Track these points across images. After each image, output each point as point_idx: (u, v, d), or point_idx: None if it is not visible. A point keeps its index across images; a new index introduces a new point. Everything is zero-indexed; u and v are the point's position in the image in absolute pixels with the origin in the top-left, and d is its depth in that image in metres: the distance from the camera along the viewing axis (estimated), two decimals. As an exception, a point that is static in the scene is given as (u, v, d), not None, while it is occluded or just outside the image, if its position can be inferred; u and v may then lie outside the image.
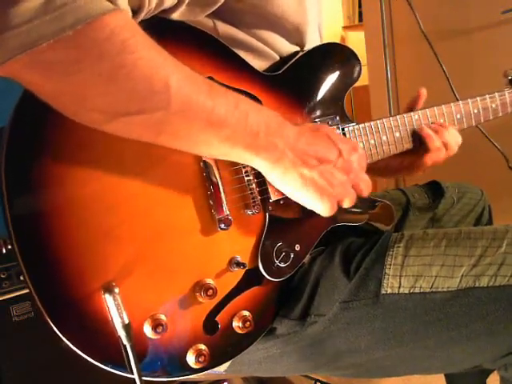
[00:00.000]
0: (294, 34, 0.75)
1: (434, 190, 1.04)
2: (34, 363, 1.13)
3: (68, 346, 0.54)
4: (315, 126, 0.65)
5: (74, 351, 0.54)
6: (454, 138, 0.85)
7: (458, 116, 0.88)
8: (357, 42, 3.33)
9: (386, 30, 2.24)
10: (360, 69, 0.80)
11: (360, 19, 3.85)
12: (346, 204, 0.64)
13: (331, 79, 0.77)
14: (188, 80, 0.51)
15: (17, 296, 1.12)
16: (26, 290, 1.12)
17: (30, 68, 0.44)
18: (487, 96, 0.92)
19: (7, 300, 1.11)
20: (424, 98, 0.89)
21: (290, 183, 0.60)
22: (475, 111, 0.90)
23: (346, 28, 3.90)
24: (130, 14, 0.52)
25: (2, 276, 1.10)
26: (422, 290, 0.64)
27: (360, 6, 3.70)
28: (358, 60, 0.79)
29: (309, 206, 0.62)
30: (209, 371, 0.77)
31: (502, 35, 1.96)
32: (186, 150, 0.55)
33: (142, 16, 0.54)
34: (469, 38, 2.06)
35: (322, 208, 0.61)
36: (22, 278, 1.12)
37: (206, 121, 0.51)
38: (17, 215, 0.51)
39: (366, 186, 0.66)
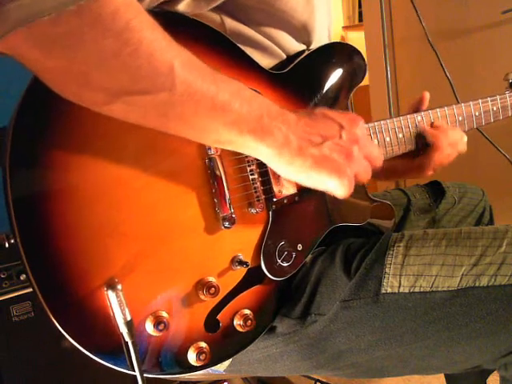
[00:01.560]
0: (301, 32, 0.75)
1: (435, 189, 1.04)
2: (34, 363, 1.13)
3: (68, 345, 0.54)
4: (310, 110, 0.64)
5: (74, 351, 0.54)
6: (459, 135, 0.85)
7: (460, 118, 0.88)
8: (357, 42, 3.33)
9: (386, 30, 2.24)
10: (365, 69, 0.80)
11: (360, 19, 3.85)
12: (363, 176, 0.62)
13: (336, 79, 0.77)
14: (192, 64, 0.50)
15: (17, 296, 1.12)
16: (26, 290, 1.12)
17: (31, 42, 0.43)
18: (489, 99, 0.92)
19: (7, 300, 1.11)
20: (427, 101, 0.89)
21: (300, 167, 0.58)
22: (477, 114, 0.90)
23: (345, 28, 3.90)
24: None
25: (2, 276, 1.10)
26: (422, 290, 0.64)
27: (360, 6, 3.70)
28: (364, 60, 0.79)
29: (326, 187, 0.60)
30: (209, 371, 0.77)
31: (501, 35, 1.96)
32: (191, 138, 0.55)
33: (147, 3, 0.54)
34: (469, 38, 2.06)
35: (341, 184, 0.59)
36: (22, 277, 1.12)
37: (210, 105, 0.51)
38: (20, 210, 0.51)
39: (377, 153, 0.64)
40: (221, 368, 0.75)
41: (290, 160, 0.57)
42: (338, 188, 0.59)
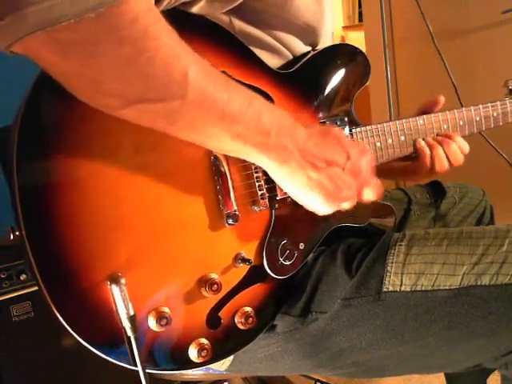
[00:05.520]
0: (309, 35, 0.76)
1: (436, 189, 1.04)
2: (34, 363, 1.13)
3: (68, 344, 0.54)
4: (325, 129, 0.65)
5: (74, 351, 0.54)
6: (461, 146, 0.85)
7: (461, 123, 0.89)
8: (357, 42, 3.33)
9: (386, 30, 2.24)
10: (369, 71, 0.81)
11: (360, 19, 3.85)
12: (347, 207, 0.64)
13: (341, 80, 0.77)
14: (206, 72, 0.50)
15: (17, 296, 1.12)
16: (26, 290, 1.13)
17: (48, 46, 0.43)
18: (489, 104, 0.93)
19: (7, 300, 1.11)
20: (441, 105, 0.89)
21: (296, 184, 0.60)
22: (477, 119, 0.91)
23: (345, 28, 3.90)
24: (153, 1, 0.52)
25: (2, 276, 1.10)
26: (423, 288, 0.64)
27: (360, 6, 3.71)
28: (368, 62, 0.80)
29: (310, 208, 0.62)
30: (210, 371, 0.77)
31: (501, 35, 1.96)
32: (196, 143, 0.55)
33: (163, 6, 0.54)
34: (469, 38, 2.06)
35: (325, 209, 0.62)
36: (22, 277, 1.12)
37: (220, 114, 0.51)
38: (26, 203, 0.51)
39: (374, 190, 0.66)
40: (222, 368, 0.75)
41: (290, 175, 0.59)
42: (322, 211, 0.62)
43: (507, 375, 0.69)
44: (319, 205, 0.61)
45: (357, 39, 3.43)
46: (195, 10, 0.61)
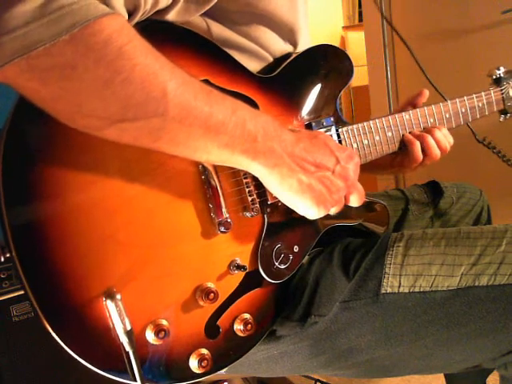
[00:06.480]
0: (287, 33, 0.75)
1: (434, 189, 1.04)
2: (34, 363, 1.13)
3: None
4: (312, 133, 0.65)
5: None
6: (446, 139, 0.86)
7: (447, 115, 0.89)
8: (357, 41, 3.33)
9: (386, 30, 2.24)
10: (352, 70, 0.81)
11: (360, 19, 3.85)
12: (337, 210, 0.65)
13: (324, 80, 0.77)
14: (185, 86, 0.50)
15: (17, 296, 1.12)
16: (26, 290, 1.12)
17: (27, 73, 0.43)
18: (474, 95, 0.94)
19: (7, 300, 1.11)
20: (425, 98, 0.90)
21: (286, 189, 0.60)
22: (463, 110, 0.92)
23: (345, 28, 3.89)
24: (126, 16, 0.52)
25: (2, 276, 1.10)
26: (421, 289, 0.64)
27: (360, 6, 3.70)
28: (350, 61, 0.80)
29: (301, 212, 0.62)
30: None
31: (501, 35, 1.96)
32: (184, 156, 0.55)
33: (138, 17, 0.54)
34: (469, 38, 2.06)
35: (317, 213, 0.62)
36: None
37: (203, 127, 0.51)
38: (15, 222, 0.50)
39: (359, 196, 0.66)
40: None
41: (280, 179, 0.59)
42: (313, 215, 0.62)
43: (506, 375, 0.68)
44: (310, 209, 0.61)
45: (357, 39, 3.43)
46: (171, 16, 0.60)
